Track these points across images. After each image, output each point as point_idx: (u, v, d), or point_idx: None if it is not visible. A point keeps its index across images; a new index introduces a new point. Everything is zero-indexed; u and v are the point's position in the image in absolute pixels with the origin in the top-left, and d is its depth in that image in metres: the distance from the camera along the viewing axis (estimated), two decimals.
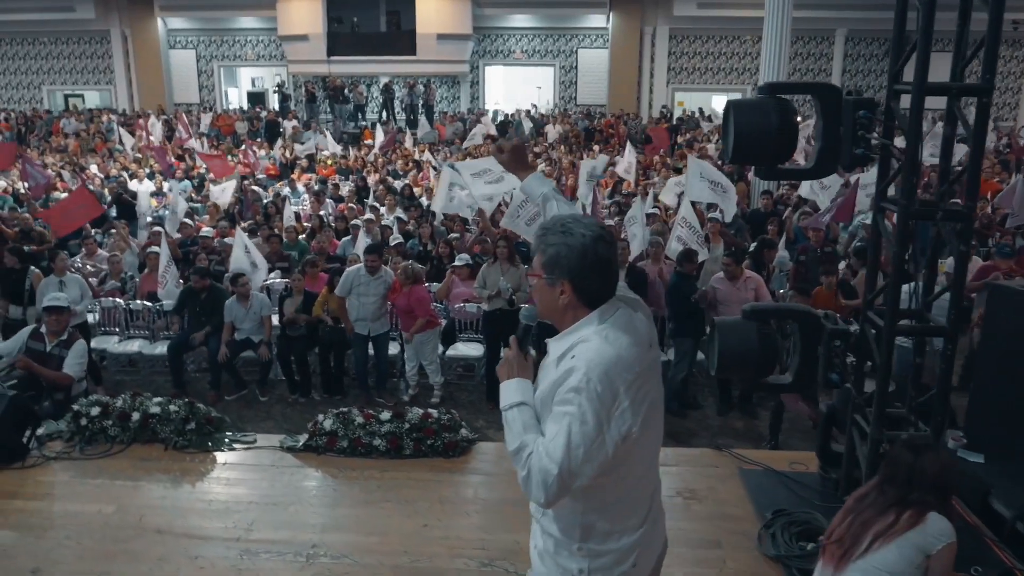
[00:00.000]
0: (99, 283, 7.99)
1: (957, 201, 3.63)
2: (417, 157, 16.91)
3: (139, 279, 8.13)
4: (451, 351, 7.29)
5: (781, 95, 3.18)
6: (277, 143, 19.06)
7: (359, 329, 6.82)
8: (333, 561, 3.18)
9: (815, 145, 3.27)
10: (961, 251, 3.04)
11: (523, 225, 7.33)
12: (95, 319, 7.69)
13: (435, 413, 4.13)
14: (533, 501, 1.80)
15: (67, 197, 10.33)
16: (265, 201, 11.97)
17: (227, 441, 4.14)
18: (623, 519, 1.88)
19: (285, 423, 6.63)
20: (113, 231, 9.77)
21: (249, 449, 4.11)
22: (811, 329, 3.26)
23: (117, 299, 7.63)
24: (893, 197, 3.28)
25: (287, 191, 13.33)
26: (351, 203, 11.99)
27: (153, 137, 18.65)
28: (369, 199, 12.35)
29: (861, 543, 2.35)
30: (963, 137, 3.38)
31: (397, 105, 24.17)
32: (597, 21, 24.77)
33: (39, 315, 7.26)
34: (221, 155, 15.75)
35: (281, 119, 22.07)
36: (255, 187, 13.34)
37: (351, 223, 9.74)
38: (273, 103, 25.32)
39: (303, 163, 16.62)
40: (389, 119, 23.32)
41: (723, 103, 21.52)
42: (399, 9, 24.30)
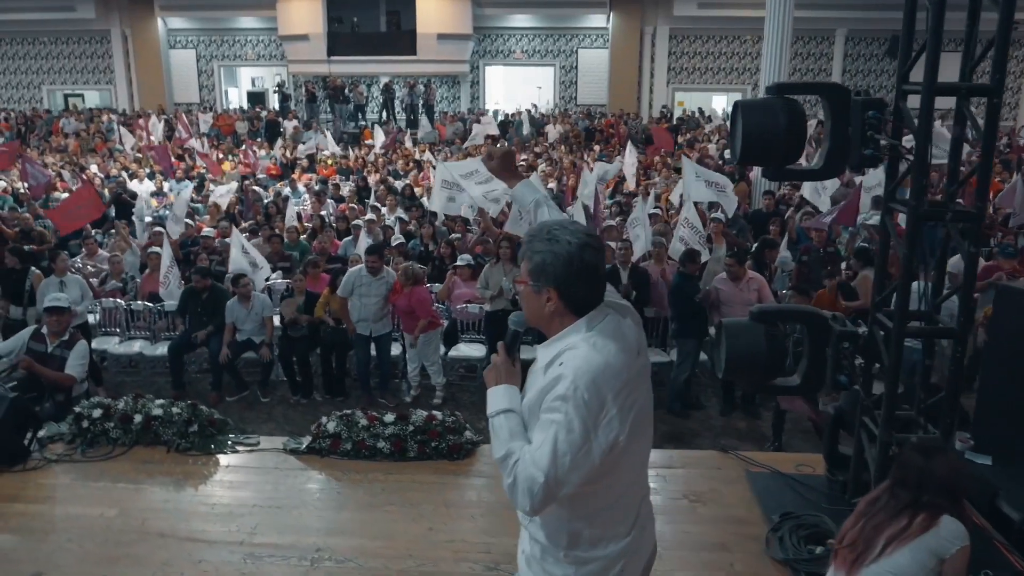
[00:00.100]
0: (100, 283, 7.96)
1: (960, 202, 3.60)
2: (418, 157, 16.88)
3: (140, 279, 8.11)
4: (453, 352, 7.27)
5: (789, 95, 3.17)
6: (277, 143, 19.03)
7: (361, 330, 6.80)
8: (338, 565, 3.16)
9: (823, 145, 3.25)
10: (971, 252, 3.02)
11: (527, 227, 7.32)
12: (96, 320, 7.67)
13: (439, 415, 4.11)
14: (519, 509, 1.80)
15: (71, 195, 10.30)
16: (266, 201, 11.94)
17: (230, 443, 4.11)
18: (611, 526, 1.87)
19: (287, 424, 6.61)
20: (113, 231, 9.75)
21: (252, 451, 4.08)
22: (819, 331, 3.24)
23: (118, 299, 7.61)
24: (902, 198, 3.26)
25: (287, 191, 13.30)
26: (352, 203, 11.97)
27: (153, 137, 18.61)
28: (370, 199, 12.33)
29: (874, 547, 2.33)
30: (962, 137, 3.34)
31: (397, 105, 24.14)
32: (597, 21, 24.76)
33: (39, 316, 7.25)
34: (208, 155, 15.77)
35: (281, 119, 22.04)
36: (255, 187, 13.31)
37: (352, 223, 9.72)
38: (273, 103, 25.29)
39: (303, 163, 16.60)
40: (389, 119, 23.29)
41: (723, 103, 21.55)
42: (399, 9, 24.27)
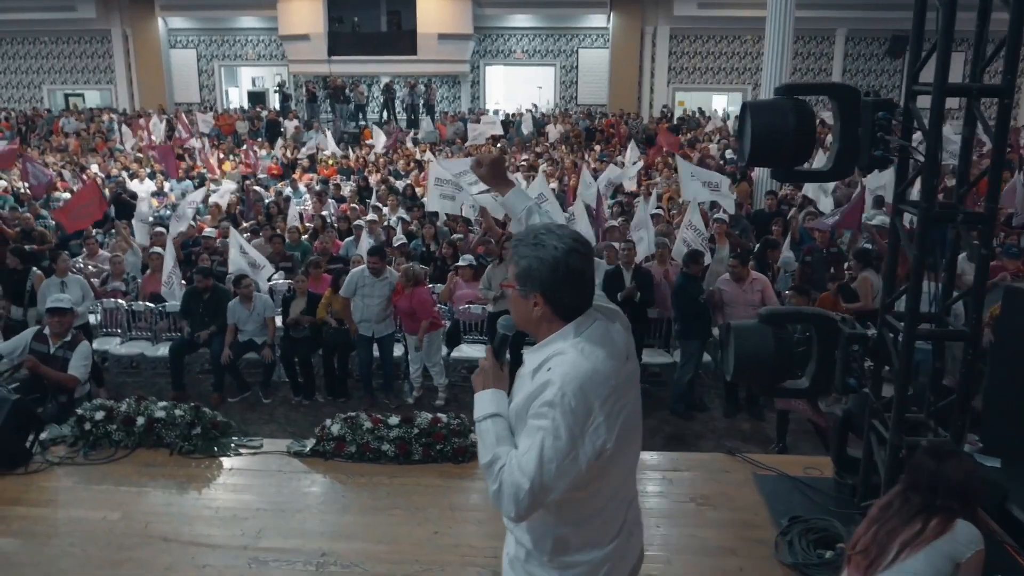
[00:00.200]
0: (101, 284, 7.93)
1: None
2: (419, 157, 16.85)
3: (141, 280, 8.08)
4: (455, 353, 7.24)
5: (798, 96, 3.14)
6: (278, 143, 19.00)
7: (363, 330, 6.77)
8: (343, 570, 3.13)
9: (832, 146, 3.22)
10: (982, 254, 2.99)
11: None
12: (97, 320, 7.64)
13: (444, 418, 4.08)
14: (504, 515, 1.79)
15: (75, 195, 10.28)
16: (267, 201, 11.92)
17: (233, 446, 4.07)
18: (597, 532, 1.86)
19: (289, 426, 6.59)
20: (113, 231, 9.72)
21: (255, 454, 4.05)
22: (828, 333, 3.21)
23: (119, 300, 7.58)
24: (911, 200, 3.23)
25: (289, 191, 13.28)
26: (353, 203, 11.94)
27: (154, 136, 18.57)
28: (371, 199, 12.30)
29: (888, 553, 2.30)
30: (971, 138, 3.32)
31: (398, 105, 24.12)
32: (598, 21, 24.73)
33: (40, 316, 7.23)
34: (207, 156, 15.73)
35: (282, 119, 22.01)
36: (256, 187, 13.29)
37: (354, 224, 9.69)
38: (274, 103, 25.26)
39: (304, 163, 16.57)
40: (390, 119, 23.27)
41: (723, 103, 21.54)
42: (400, 9, 24.24)
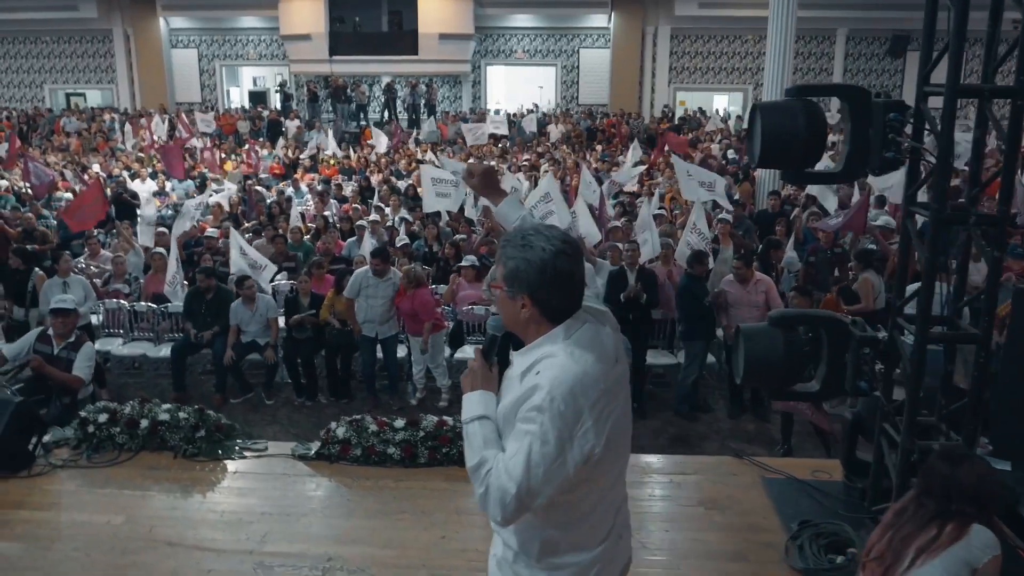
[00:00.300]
0: (103, 284, 7.90)
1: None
2: (420, 157, 16.82)
3: (143, 280, 8.05)
4: (459, 354, 7.21)
5: (808, 97, 3.12)
6: (280, 142, 18.97)
7: (366, 331, 6.75)
8: (350, 575, 3.10)
9: (843, 148, 3.20)
10: (995, 257, 2.96)
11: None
12: (99, 320, 7.61)
13: (450, 420, 4.05)
14: (491, 519, 1.78)
15: (79, 195, 10.25)
16: (269, 201, 11.89)
17: (237, 449, 4.05)
18: (585, 535, 1.85)
19: (291, 427, 6.56)
20: (115, 231, 9.70)
21: (260, 457, 4.02)
22: (839, 336, 3.19)
23: (121, 300, 7.55)
24: (923, 202, 3.21)
25: (290, 191, 13.25)
26: (355, 204, 11.90)
27: (156, 136, 18.53)
28: (373, 199, 12.27)
29: (903, 559, 2.27)
30: (983, 139, 3.29)
31: (399, 105, 24.10)
32: (599, 21, 24.70)
33: (41, 317, 7.20)
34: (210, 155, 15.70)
35: (283, 119, 21.99)
36: (258, 187, 13.26)
37: (356, 224, 9.65)
38: (275, 103, 25.24)
39: (306, 163, 16.54)
40: (391, 119, 23.25)
41: (724, 103, 21.48)
42: (401, 9, 24.22)
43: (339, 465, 3.92)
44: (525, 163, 15.80)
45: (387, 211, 10.94)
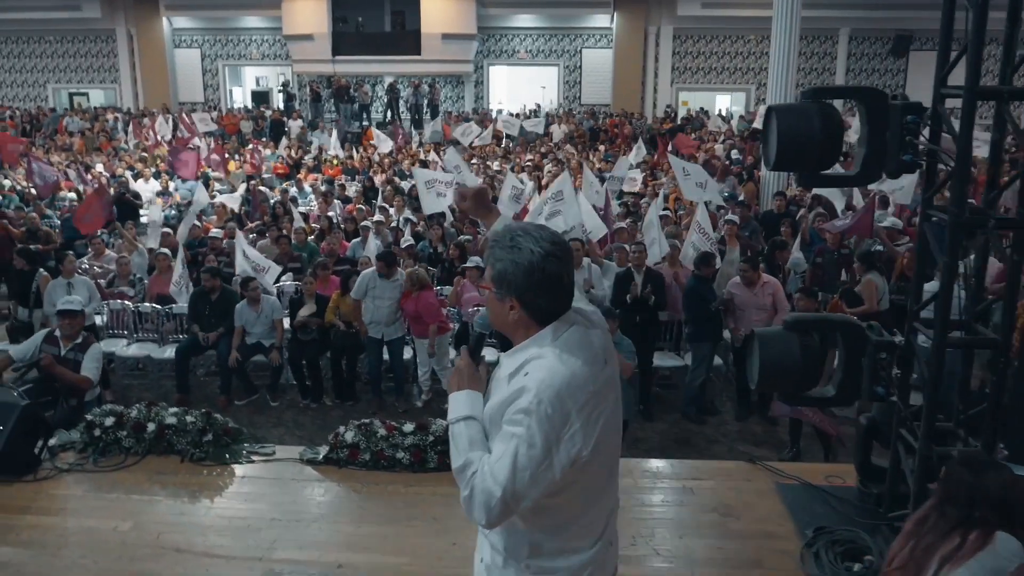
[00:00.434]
0: (107, 285, 7.88)
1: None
2: (423, 157, 16.78)
3: (148, 281, 8.02)
4: None
5: (824, 100, 3.08)
6: (283, 142, 18.94)
7: (373, 333, 6.72)
8: None
9: (859, 150, 3.16)
10: (1015, 261, 2.92)
11: (544, 222, 7.41)
12: (103, 321, 7.58)
13: None
14: (475, 522, 1.75)
15: (86, 199, 10.23)
16: (272, 201, 11.85)
17: (245, 453, 4.01)
18: (574, 538, 1.83)
19: (296, 429, 6.53)
20: (116, 232, 9.67)
21: (268, 462, 3.99)
22: (855, 340, 3.15)
23: (126, 301, 7.52)
24: (940, 205, 3.17)
25: (294, 191, 13.22)
26: (359, 204, 11.86)
27: (160, 136, 18.48)
28: (377, 200, 12.23)
29: (927, 569, 2.23)
30: (1001, 142, 3.24)
31: (402, 105, 24.08)
32: (601, 21, 24.67)
33: (45, 318, 7.18)
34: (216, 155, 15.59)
35: (286, 119, 21.96)
36: (262, 187, 13.23)
37: (360, 225, 9.62)
38: (277, 102, 25.21)
39: (309, 163, 16.51)
40: (394, 119, 23.22)
41: (727, 103, 21.34)
42: (404, 9, 24.19)
43: (348, 470, 3.88)
44: (528, 163, 15.76)
45: (391, 212, 10.90)
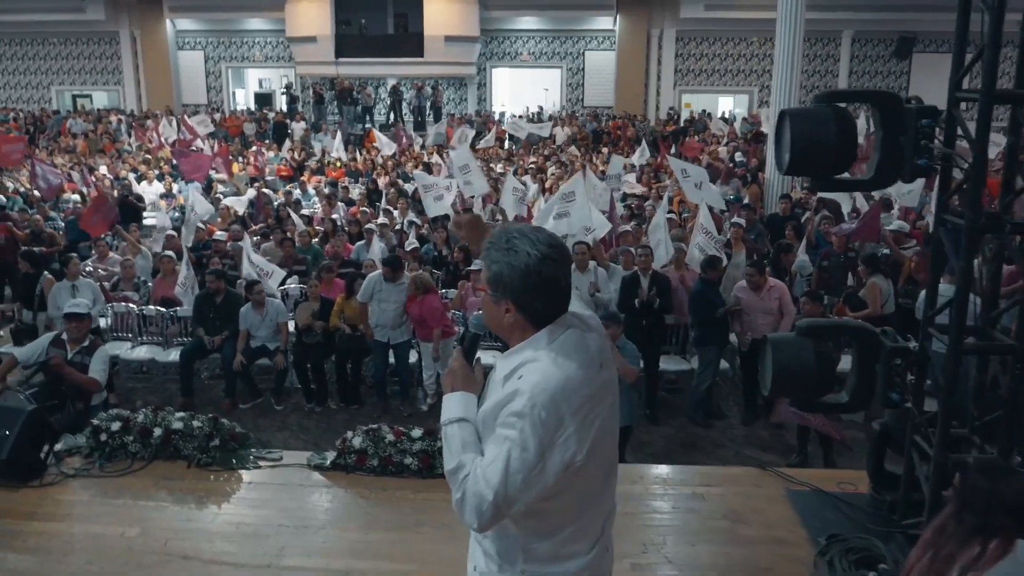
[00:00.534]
0: (111, 287, 7.86)
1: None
2: (427, 159, 16.76)
3: (152, 284, 8.00)
4: None
5: (838, 103, 3.06)
6: (286, 144, 18.94)
7: (379, 336, 6.70)
8: None
9: (873, 155, 3.13)
10: None
11: (551, 221, 7.48)
12: (107, 324, 7.56)
13: None
14: (466, 525, 1.73)
15: (92, 202, 10.22)
16: (276, 204, 11.83)
17: (252, 458, 3.99)
18: (569, 544, 1.80)
19: (301, 433, 6.51)
20: (117, 235, 9.66)
21: (275, 467, 3.96)
22: (869, 346, 3.12)
23: (130, 304, 7.50)
24: (956, 210, 3.14)
25: (298, 193, 13.20)
26: (363, 207, 11.85)
27: (165, 138, 18.48)
28: (381, 202, 12.21)
29: None
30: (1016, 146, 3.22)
31: (405, 107, 24.08)
32: (604, 23, 24.66)
33: (49, 320, 7.16)
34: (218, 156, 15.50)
35: (289, 120, 21.97)
36: (266, 190, 13.21)
37: (365, 227, 9.59)
38: (280, 104, 25.23)
39: (312, 165, 16.50)
40: (397, 121, 23.22)
41: (730, 105, 21.31)
42: (407, 11, 24.21)
43: (356, 476, 3.85)
44: (532, 166, 15.74)
45: (395, 214, 10.88)
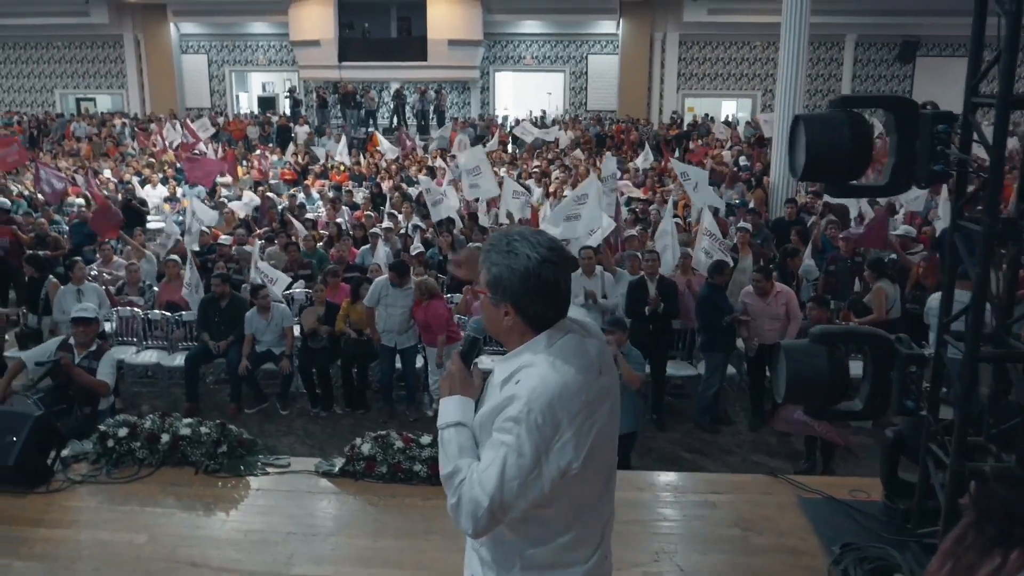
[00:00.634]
0: (116, 291, 7.85)
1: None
2: (431, 163, 16.76)
3: (157, 288, 7.98)
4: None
5: (853, 109, 3.04)
6: (289, 148, 18.96)
7: (385, 341, 6.68)
8: None
9: (888, 160, 3.11)
10: None
11: (561, 225, 7.49)
12: (112, 328, 7.54)
13: None
14: (461, 531, 1.72)
15: (98, 209, 10.22)
16: (280, 207, 11.83)
17: (260, 465, 3.96)
18: (567, 551, 1.78)
19: (307, 438, 6.49)
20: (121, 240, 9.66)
21: (283, 474, 3.93)
22: (883, 353, 3.09)
23: (135, 309, 7.48)
24: (972, 215, 3.11)
25: (302, 197, 13.19)
26: (367, 211, 11.83)
27: (169, 142, 18.49)
28: (385, 206, 12.20)
29: None
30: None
31: (408, 111, 24.10)
32: (607, 27, 24.68)
33: (54, 324, 7.15)
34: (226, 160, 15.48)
35: (292, 124, 21.98)
36: (270, 194, 13.20)
37: (369, 231, 9.58)
38: (284, 108, 25.26)
39: (316, 169, 16.50)
40: (400, 124, 23.23)
41: (733, 108, 21.35)
42: (410, 15, 24.26)
43: (364, 482, 3.81)
44: (535, 170, 15.74)
45: (400, 218, 10.87)
